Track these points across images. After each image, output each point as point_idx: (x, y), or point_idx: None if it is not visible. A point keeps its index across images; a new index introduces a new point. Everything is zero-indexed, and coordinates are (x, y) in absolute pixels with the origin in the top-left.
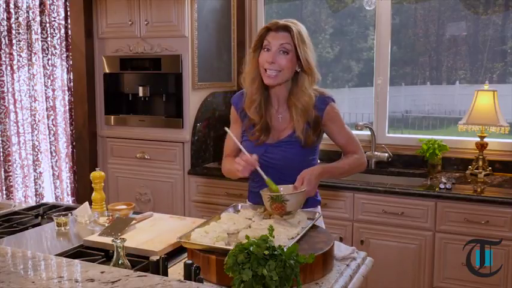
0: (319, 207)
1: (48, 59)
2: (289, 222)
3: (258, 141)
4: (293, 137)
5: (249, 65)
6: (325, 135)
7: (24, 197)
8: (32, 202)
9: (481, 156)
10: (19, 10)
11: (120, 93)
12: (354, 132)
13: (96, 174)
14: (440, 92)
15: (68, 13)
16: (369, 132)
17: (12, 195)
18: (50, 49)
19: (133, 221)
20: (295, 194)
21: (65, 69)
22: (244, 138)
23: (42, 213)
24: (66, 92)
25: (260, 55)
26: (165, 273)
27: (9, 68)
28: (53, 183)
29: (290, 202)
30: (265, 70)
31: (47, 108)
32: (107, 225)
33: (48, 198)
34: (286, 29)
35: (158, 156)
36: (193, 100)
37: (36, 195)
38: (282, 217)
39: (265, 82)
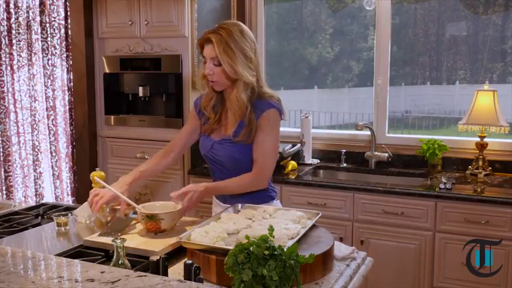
0: (274, 201)
1: (48, 59)
2: (289, 222)
3: (207, 132)
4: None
5: (201, 69)
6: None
7: (24, 197)
8: (32, 202)
9: (481, 156)
10: (19, 10)
11: (120, 93)
12: (354, 132)
13: (96, 174)
14: (440, 92)
15: (68, 13)
16: (369, 132)
17: (12, 195)
18: (50, 49)
19: (133, 221)
20: (170, 213)
21: (65, 69)
22: (201, 134)
23: (42, 213)
24: (66, 92)
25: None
26: (165, 273)
27: (9, 68)
28: (53, 183)
29: (165, 221)
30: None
31: (47, 108)
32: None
33: (48, 198)
34: (210, 40)
35: None
36: (193, 100)
37: (36, 195)
38: (156, 234)
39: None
